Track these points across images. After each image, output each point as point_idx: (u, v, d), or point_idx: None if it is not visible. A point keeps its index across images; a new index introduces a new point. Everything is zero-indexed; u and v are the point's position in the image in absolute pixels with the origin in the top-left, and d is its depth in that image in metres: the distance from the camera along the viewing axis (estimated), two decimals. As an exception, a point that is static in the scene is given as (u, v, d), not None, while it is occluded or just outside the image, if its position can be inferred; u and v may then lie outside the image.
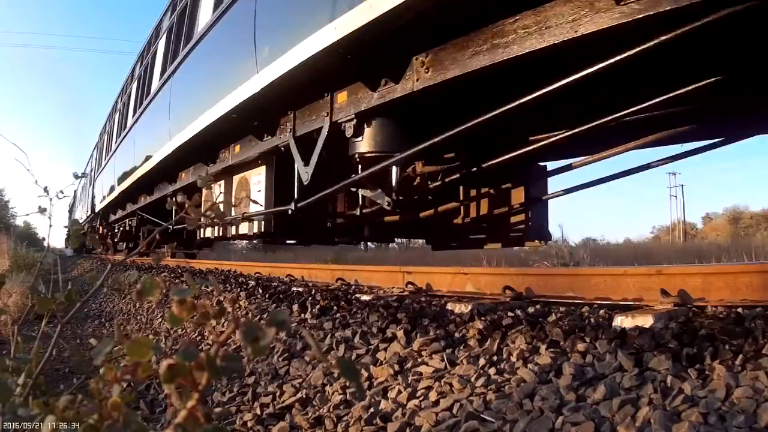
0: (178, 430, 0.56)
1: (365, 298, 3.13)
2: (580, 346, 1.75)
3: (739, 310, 2.03)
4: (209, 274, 5.94)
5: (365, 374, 2.03)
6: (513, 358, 1.82)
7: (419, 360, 2.02)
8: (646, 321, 1.88)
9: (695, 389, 1.38)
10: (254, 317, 3.30)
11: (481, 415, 1.50)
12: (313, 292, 3.54)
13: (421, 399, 1.73)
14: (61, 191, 1.38)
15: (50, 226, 1.37)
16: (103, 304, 6.32)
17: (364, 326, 2.50)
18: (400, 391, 1.81)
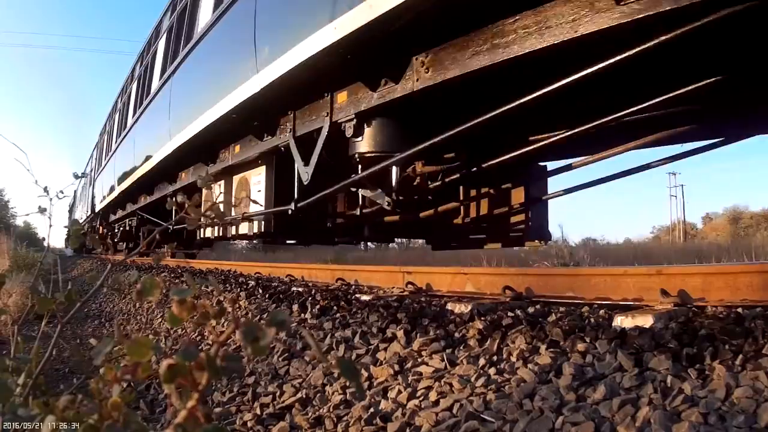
0: (178, 430, 0.56)
1: (365, 298, 3.13)
2: (580, 346, 1.75)
3: (739, 310, 2.03)
4: (209, 274, 5.94)
5: (365, 374, 2.03)
6: (513, 358, 1.82)
7: (419, 360, 2.02)
8: (646, 321, 1.88)
9: (695, 389, 1.38)
10: (254, 317, 3.30)
11: (481, 415, 1.50)
12: (313, 292, 3.54)
13: (421, 399, 1.73)
14: (61, 191, 1.38)
15: (50, 226, 1.37)
16: (103, 304, 6.32)
17: (364, 326, 2.50)
18: (400, 391, 1.81)
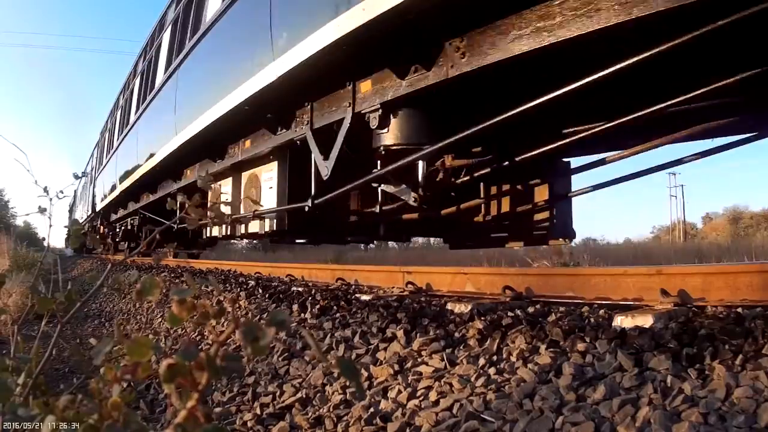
0: (178, 430, 0.56)
1: (365, 297, 3.13)
2: (580, 346, 1.75)
3: (739, 310, 2.03)
4: (209, 274, 5.94)
5: (365, 374, 2.03)
6: (513, 358, 1.82)
7: (419, 360, 2.02)
8: (646, 321, 1.88)
9: (695, 389, 1.38)
10: (254, 317, 3.30)
11: (481, 415, 1.50)
12: (313, 292, 3.54)
13: (421, 399, 1.73)
14: (61, 191, 1.38)
15: (50, 226, 1.37)
16: (103, 304, 6.32)
17: (363, 326, 2.50)
18: (400, 391, 1.81)
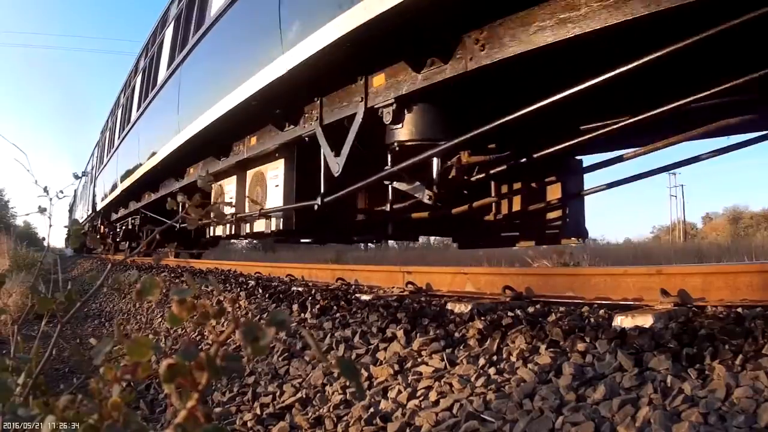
0: (178, 430, 0.56)
1: (365, 297, 3.13)
2: (580, 346, 1.75)
3: (739, 310, 2.03)
4: (209, 274, 5.94)
5: (365, 374, 2.03)
6: (513, 358, 1.82)
7: (419, 360, 2.02)
8: (646, 321, 1.88)
9: (695, 389, 1.38)
10: (254, 317, 3.30)
11: (481, 415, 1.50)
12: (313, 292, 3.54)
13: (421, 399, 1.73)
14: (61, 191, 1.38)
15: (50, 226, 1.37)
16: (103, 304, 6.32)
17: (363, 326, 2.50)
18: (400, 391, 1.81)
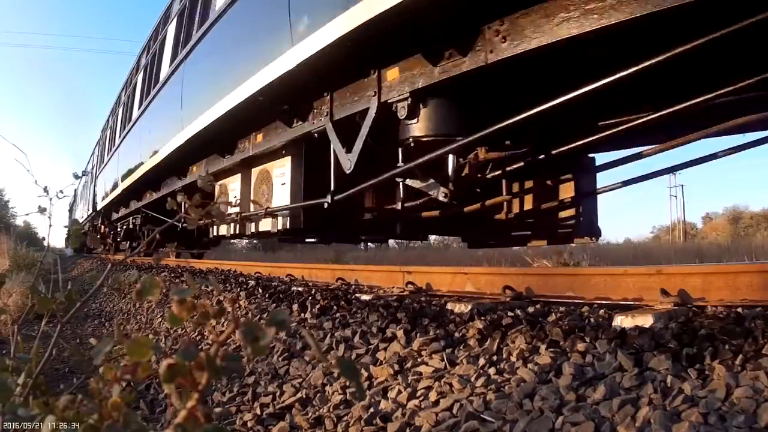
0: (178, 430, 0.56)
1: (365, 297, 3.13)
2: (580, 346, 1.75)
3: (739, 310, 2.03)
4: (209, 274, 5.94)
5: (365, 374, 2.03)
6: (513, 358, 1.82)
7: (419, 360, 2.02)
8: (646, 321, 1.88)
9: (695, 389, 1.38)
10: (254, 317, 3.30)
11: (481, 415, 1.50)
12: (313, 292, 3.54)
13: (421, 399, 1.73)
14: (61, 191, 1.38)
15: (50, 225, 1.37)
16: (103, 304, 6.32)
17: (363, 326, 2.50)
18: (400, 391, 1.81)
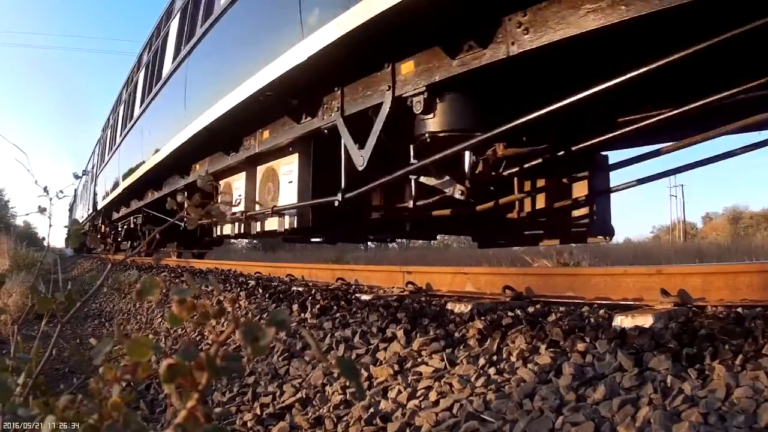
0: (178, 430, 0.56)
1: (365, 297, 3.13)
2: (580, 346, 1.75)
3: (739, 310, 2.03)
4: (209, 274, 5.93)
5: (365, 374, 2.03)
6: (513, 358, 1.82)
7: (419, 360, 2.02)
8: (646, 321, 1.88)
9: (695, 389, 1.38)
10: (254, 317, 3.30)
11: (481, 415, 1.50)
12: (313, 292, 3.54)
13: (421, 399, 1.73)
14: (61, 191, 1.38)
15: (50, 225, 1.37)
16: (103, 304, 6.32)
17: (363, 326, 2.50)
18: (400, 391, 1.81)
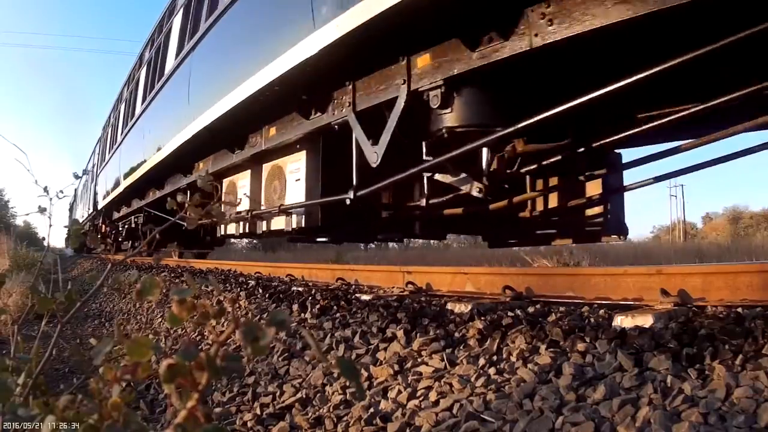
0: (178, 430, 0.56)
1: (365, 297, 3.13)
2: (580, 346, 1.75)
3: (739, 310, 2.03)
4: (209, 274, 5.93)
5: (365, 374, 2.03)
6: (513, 358, 1.82)
7: (419, 360, 2.02)
8: (646, 321, 1.88)
9: (695, 389, 1.38)
10: (254, 317, 3.30)
11: (481, 415, 1.50)
12: (313, 292, 3.54)
13: (421, 399, 1.73)
14: (61, 191, 1.38)
15: (50, 225, 1.37)
16: (103, 304, 6.32)
17: (364, 326, 2.50)
18: (400, 391, 1.81)
